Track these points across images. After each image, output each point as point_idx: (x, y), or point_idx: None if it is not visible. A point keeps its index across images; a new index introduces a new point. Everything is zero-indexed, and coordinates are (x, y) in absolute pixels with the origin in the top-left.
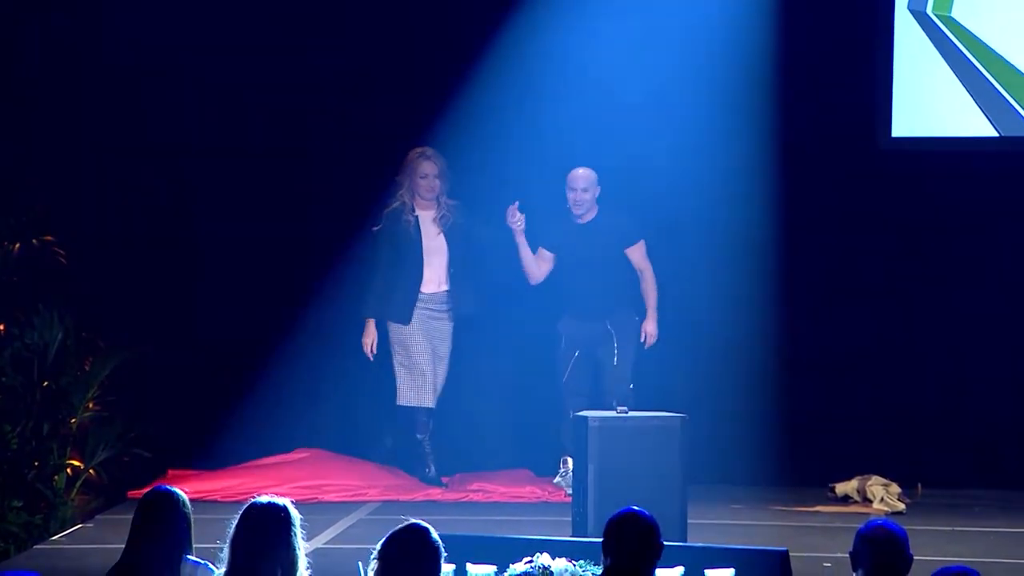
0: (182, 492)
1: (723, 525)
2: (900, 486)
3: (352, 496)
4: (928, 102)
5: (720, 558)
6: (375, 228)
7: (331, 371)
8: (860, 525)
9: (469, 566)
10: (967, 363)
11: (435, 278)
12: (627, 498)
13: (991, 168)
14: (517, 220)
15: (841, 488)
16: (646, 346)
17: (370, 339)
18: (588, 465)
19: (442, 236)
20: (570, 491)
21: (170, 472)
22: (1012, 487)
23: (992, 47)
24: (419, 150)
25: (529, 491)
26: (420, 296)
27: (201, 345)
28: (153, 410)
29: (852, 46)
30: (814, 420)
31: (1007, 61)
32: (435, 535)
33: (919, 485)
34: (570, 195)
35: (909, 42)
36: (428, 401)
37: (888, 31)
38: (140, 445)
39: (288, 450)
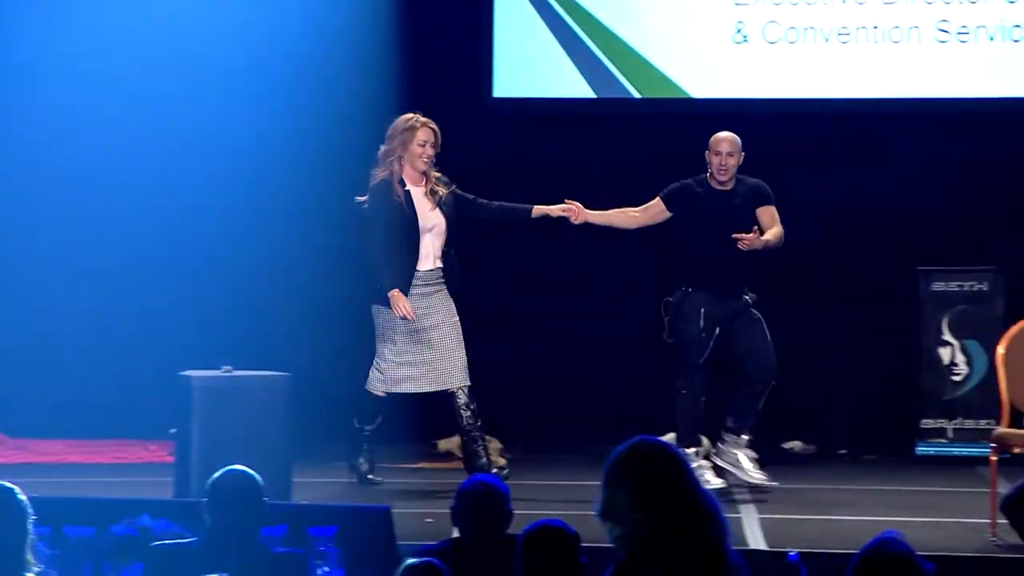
0: None
1: (328, 483)
2: (501, 442)
3: None
4: (528, 63)
5: (323, 516)
6: (360, 199)
7: None
8: (462, 481)
9: (67, 528)
10: (571, 326)
11: (430, 255)
12: (232, 458)
13: (589, 127)
14: (579, 216)
15: (444, 444)
16: (742, 237)
17: (403, 304)
18: (192, 425)
19: (438, 211)
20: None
21: None
22: (605, 443)
23: (588, 9)
24: (411, 116)
25: (132, 452)
26: (415, 274)
27: None
28: None
29: (452, 6)
30: None
31: (602, 23)
32: (21, 496)
33: (520, 443)
34: (715, 159)
35: (508, 3)
36: (401, 388)
37: None
38: None
39: None
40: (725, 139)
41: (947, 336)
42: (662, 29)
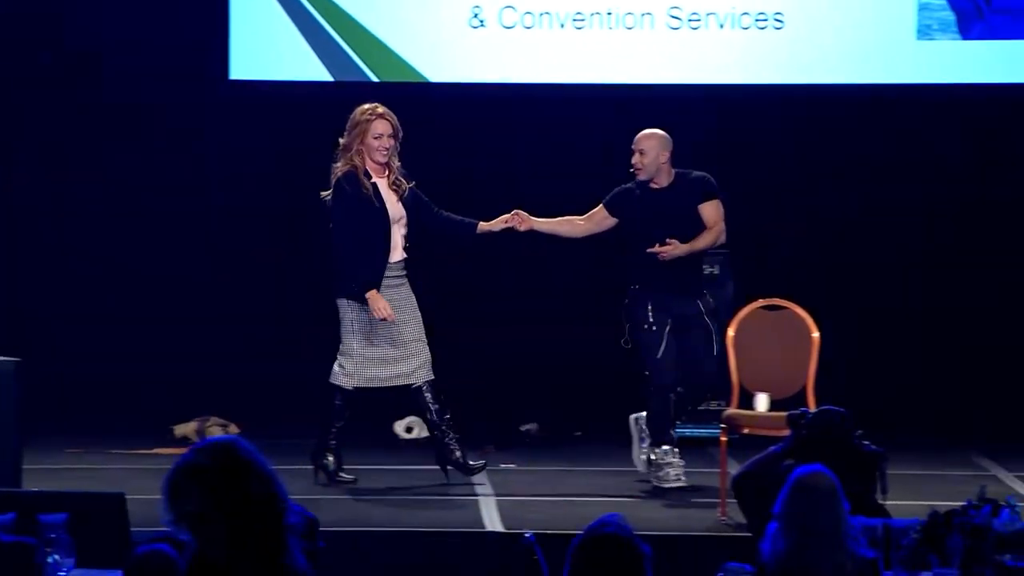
0: None
1: (60, 470)
2: (239, 426)
3: None
4: (265, 46)
5: (54, 503)
6: (325, 194)
7: None
8: None
9: None
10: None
11: (398, 246)
12: None
13: (327, 111)
14: (524, 223)
15: (180, 430)
16: (660, 250)
17: (383, 306)
18: None
19: (400, 203)
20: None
21: None
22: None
23: None
24: (368, 107)
25: None
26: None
27: None
28: None
29: None
30: (151, 364)
31: (338, 6)
32: None
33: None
34: (632, 158)
35: None
36: (372, 382)
37: None
38: None
39: None
40: (639, 137)
41: None
42: (399, 12)
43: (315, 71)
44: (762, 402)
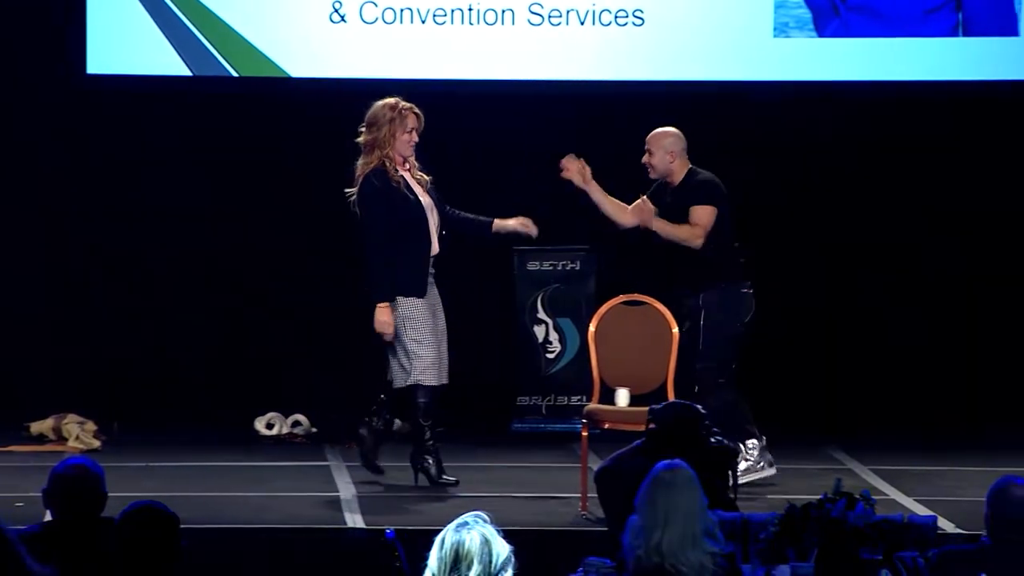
0: None
1: None
2: (96, 423)
3: None
4: (123, 40)
5: None
6: (349, 192)
7: None
8: (55, 464)
9: None
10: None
11: (434, 239)
12: None
13: (185, 106)
14: (577, 172)
15: (36, 427)
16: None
17: (387, 321)
18: None
19: (428, 196)
20: None
21: None
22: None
23: None
24: (393, 101)
25: None
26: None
27: None
28: None
29: None
30: (7, 359)
31: (197, 0)
32: None
33: (116, 423)
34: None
35: None
36: (444, 378)
37: None
38: None
39: None
40: (648, 136)
41: (541, 314)
42: (259, 7)
43: (174, 66)
44: (623, 397)
